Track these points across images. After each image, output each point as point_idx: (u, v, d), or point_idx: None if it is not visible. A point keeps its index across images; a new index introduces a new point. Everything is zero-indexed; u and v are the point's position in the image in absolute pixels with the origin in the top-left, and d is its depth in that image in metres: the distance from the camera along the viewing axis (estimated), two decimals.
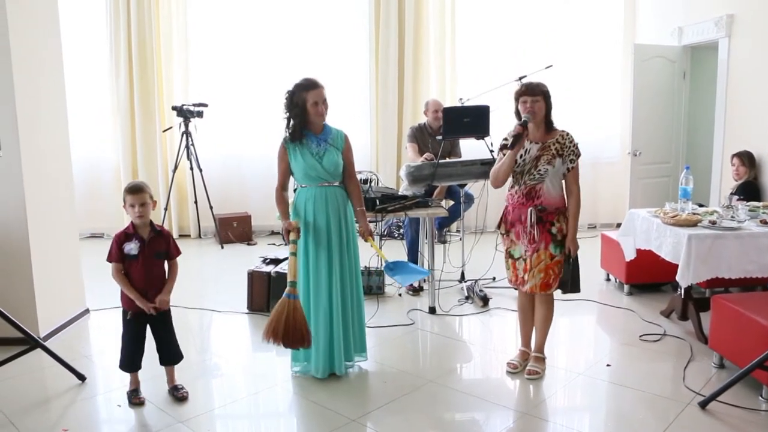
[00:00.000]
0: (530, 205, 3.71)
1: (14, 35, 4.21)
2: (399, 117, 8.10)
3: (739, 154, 5.60)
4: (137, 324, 3.55)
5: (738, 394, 3.50)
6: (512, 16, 8.16)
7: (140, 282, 3.49)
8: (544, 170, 3.68)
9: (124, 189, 3.51)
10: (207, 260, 7.16)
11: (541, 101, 3.68)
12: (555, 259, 3.74)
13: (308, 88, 3.71)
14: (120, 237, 3.50)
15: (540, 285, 3.76)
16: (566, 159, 3.71)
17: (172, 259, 3.64)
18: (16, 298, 4.30)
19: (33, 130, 4.43)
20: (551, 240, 3.72)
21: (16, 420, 3.38)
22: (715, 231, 4.19)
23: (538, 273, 3.75)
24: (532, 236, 3.72)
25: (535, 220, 3.70)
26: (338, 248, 3.79)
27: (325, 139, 3.81)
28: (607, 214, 8.48)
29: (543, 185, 3.70)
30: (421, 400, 3.63)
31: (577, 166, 3.74)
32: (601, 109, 8.34)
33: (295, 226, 3.70)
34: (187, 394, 3.64)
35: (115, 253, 3.47)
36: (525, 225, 3.73)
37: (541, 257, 3.73)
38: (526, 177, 3.72)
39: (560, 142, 3.71)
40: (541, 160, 3.68)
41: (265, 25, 7.99)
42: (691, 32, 6.92)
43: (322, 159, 3.75)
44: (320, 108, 3.73)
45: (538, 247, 3.72)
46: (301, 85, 3.72)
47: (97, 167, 7.96)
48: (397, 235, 7.50)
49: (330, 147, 3.79)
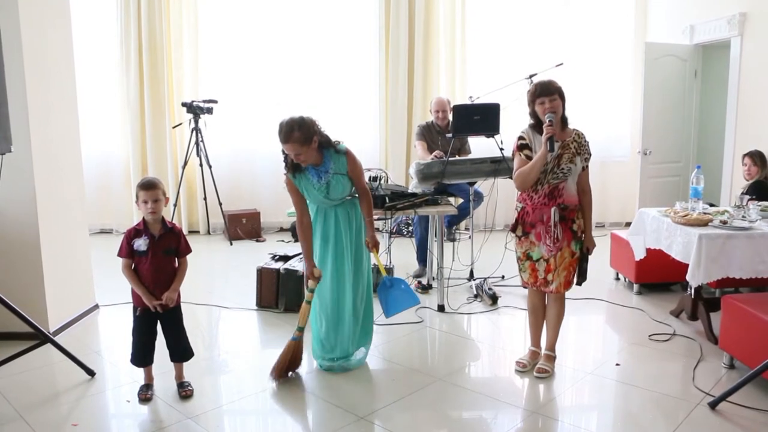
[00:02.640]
0: (553, 204, 3.69)
1: (26, 31, 4.23)
2: (408, 114, 8.09)
3: (750, 153, 5.56)
4: (146, 320, 3.56)
5: (749, 394, 3.48)
6: (522, 14, 8.14)
7: (148, 278, 3.49)
8: (567, 168, 3.66)
9: (137, 185, 3.50)
10: (216, 257, 7.18)
11: (558, 99, 3.65)
12: (575, 257, 3.76)
13: (281, 140, 3.63)
14: (130, 233, 3.51)
15: (563, 283, 3.78)
16: (582, 157, 3.72)
17: (182, 257, 3.62)
18: (27, 293, 4.33)
19: (44, 126, 4.44)
20: (573, 237, 3.73)
21: (26, 414, 3.40)
22: (726, 231, 4.16)
23: (562, 271, 3.75)
24: (557, 235, 3.70)
25: (558, 218, 3.69)
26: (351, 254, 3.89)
27: (326, 170, 3.73)
28: (616, 213, 8.46)
29: (566, 183, 3.69)
30: (430, 397, 3.63)
31: (588, 165, 3.77)
32: (611, 108, 8.31)
33: (317, 275, 3.78)
34: (192, 392, 3.64)
35: (125, 248, 3.48)
36: (547, 224, 3.71)
37: (564, 255, 3.74)
38: (549, 176, 3.68)
39: (577, 141, 3.71)
40: (563, 159, 3.66)
41: (275, 22, 8.00)
42: (702, 30, 6.88)
43: (329, 191, 3.75)
44: (300, 158, 3.64)
45: (562, 245, 3.72)
46: (278, 134, 3.62)
47: (107, 163, 7.99)
48: (406, 233, 7.49)
49: (334, 175, 3.74)
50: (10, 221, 4.34)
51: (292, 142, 3.57)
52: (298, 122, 3.59)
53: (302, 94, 8.03)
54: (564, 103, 3.70)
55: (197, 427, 3.30)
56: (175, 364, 3.68)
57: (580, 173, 3.75)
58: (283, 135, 3.59)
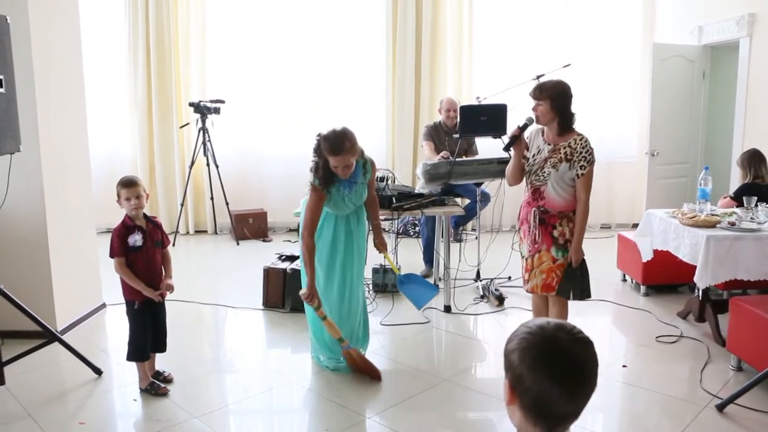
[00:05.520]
0: (534, 206, 3.70)
1: (35, 31, 4.25)
2: (415, 115, 8.09)
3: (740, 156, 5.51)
4: (145, 313, 3.62)
5: (757, 397, 3.46)
6: (529, 15, 8.12)
7: (145, 272, 3.57)
8: (547, 173, 3.63)
9: (118, 183, 3.58)
10: (223, 256, 7.19)
11: (546, 104, 3.55)
12: (557, 263, 3.67)
13: (331, 152, 3.50)
14: (120, 231, 3.55)
15: (541, 286, 3.73)
16: (575, 165, 3.57)
17: (165, 247, 3.74)
18: (35, 292, 4.34)
19: (52, 126, 4.47)
20: (552, 243, 3.66)
21: (34, 412, 3.42)
22: (734, 232, 4.14)
23: (539, 273, 3.72)
24: (535, 236, 3.70)
25: (537, 221, 3.68)
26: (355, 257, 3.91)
27: (356, 180, 3.72)
28: (623, 214, 8.42)
29: (546, 187, 3.65)
30: (436, 398, 3.63)
31: (589, 174, 3.58)
32: (618, 109, 8.27)
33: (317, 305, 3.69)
34: (172, 376, 3.78)
35: (118, 247, 3.52)
36: (530, 224, 3.73)
37: (542, 259, 3.70)
38: (533, 177, 3.70)
39: (572, 146, 3.58)
40: (547, 163, 3.63)
41: (282, 23, 8.00)
42: (711, 31, 6.85)
43: (353, 201, 3.77)
44: (340, 170, 3.56)
45: (540, 248, 3.70)
46: (326, 144, 3.51)
47: (115, 163, 7.99)
48: (413, 234, 7.49)
49: (360, 186, 3.75)
50: (19, 220, 4.36)
51: (344, 153, 3.48)
52: (345, 133, 3.52)
53: (309, 94, 8.05)
54: (561, 107, 3.56)
55: (203, 425, 3.31)
56: (151, 355, 3.73)
57: (576, 181, 3.61)
58: (336, 146, 3.47)
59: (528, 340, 1.35)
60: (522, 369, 1.33)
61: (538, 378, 1.31)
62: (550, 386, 1.31)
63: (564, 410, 1.34)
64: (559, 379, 1.31)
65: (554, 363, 1.32)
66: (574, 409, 1.34)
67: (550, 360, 1.33)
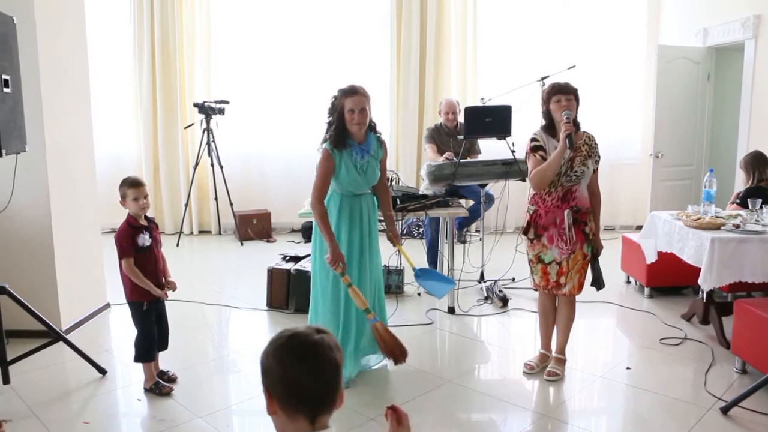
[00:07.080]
0: (566, 207, 3.69)
1: (41, 32, 4.26)
2: (419, 116, 8.09)
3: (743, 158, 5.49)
4: (152, 314, 3.65)
5: (761, 400, 3.45)
6: (534, 16, 8.12)
7: (152, 271, 3.59)
8: (580, 171, 3.66)
9: (125, 184, 3.57)
10: (227, 257, 7.20)
11: (573, 100, 3.66)
12: (586, 259, 3.76)
13: (347, 93, 3.58)
14: (129, 231, 3.54)
15: (576, 286, 3.77)
16: (593, 159, 3.71)
17: (160, 246, 3.78)
18: (39, 292, 4.35)
19: (58, 126, 4.48)
20: (585, 240, 3.73)
21: (39, 412, 3.43)
22: (739, 234, 4.13)
23: (575, 274, 3.74)
24: (570, 238, 3.70)
25: (571, 221, 3.68)
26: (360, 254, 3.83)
27: (368, 150, 3.71)
28: (626, 216, 8.42)
29: (578, 186, 3.69)
30: (440, 399, 3.63)
31: (597, 168, 3.78)
32: (623, 110, 8.28)
33: (342, 259, 3.62)
34: (176, 375, 3.79)
35: (129, 247, 3.51)
36: (560, 227, 3.70)
37: (577, 258, 3.73)
38: (563, 179, 3.67)
39: (588, 143, 3.71)
40: (575, 162, 3.66)
41: (287, 23, 8.03)
42: (716, 33, 6.84)
43: (366, 173, 3.72)
44: (355, 116, 3.57)
45: (575, 248, 3.71)
46: (343, 90, 3.61)
47: (120, 163, 8.02)
48: (417, 235, 7.49)
49: (372, 159, 3.74)
50: (24, 220, 4.37)
51: (360, 95, 3.57)
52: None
53: (313, 95, 8.03)
54: (578, 107, 3.70)
55: (207, 426, 3.31)
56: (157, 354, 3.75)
57: (593, 175, 3.75)
58: (353, 87, 3.59)
59: (273, 342, 1.53)
60: (271, 363, 1.50)
61: (283, 363, 1.48)
62: (294, 366, 1.48)
63: (314, 388, 1.48)
64: (299, 354, 1.48)
65: (293, 346, 1.50)
66: (323, 388, 1.49)
67: (290, 345, 1.50)
